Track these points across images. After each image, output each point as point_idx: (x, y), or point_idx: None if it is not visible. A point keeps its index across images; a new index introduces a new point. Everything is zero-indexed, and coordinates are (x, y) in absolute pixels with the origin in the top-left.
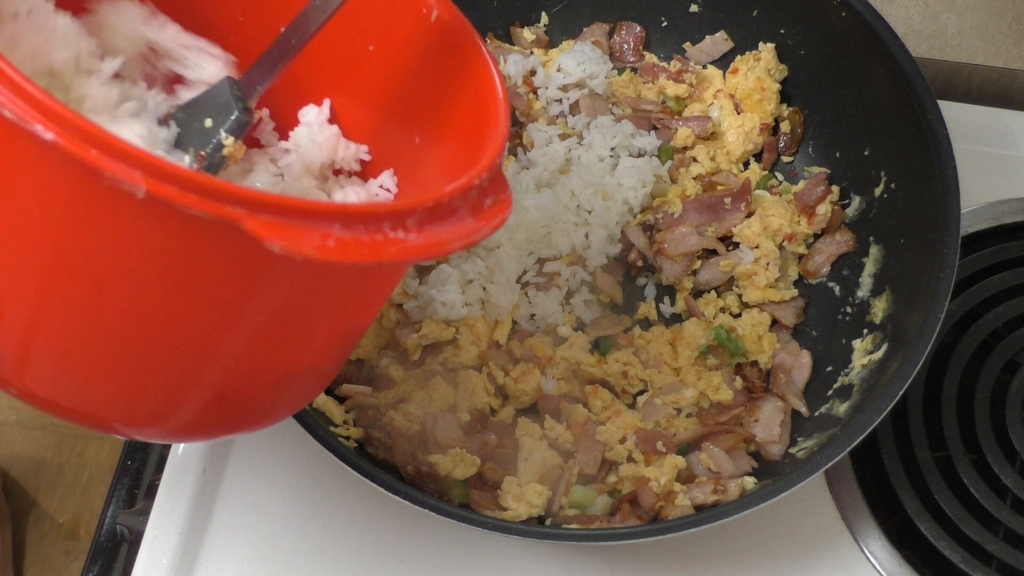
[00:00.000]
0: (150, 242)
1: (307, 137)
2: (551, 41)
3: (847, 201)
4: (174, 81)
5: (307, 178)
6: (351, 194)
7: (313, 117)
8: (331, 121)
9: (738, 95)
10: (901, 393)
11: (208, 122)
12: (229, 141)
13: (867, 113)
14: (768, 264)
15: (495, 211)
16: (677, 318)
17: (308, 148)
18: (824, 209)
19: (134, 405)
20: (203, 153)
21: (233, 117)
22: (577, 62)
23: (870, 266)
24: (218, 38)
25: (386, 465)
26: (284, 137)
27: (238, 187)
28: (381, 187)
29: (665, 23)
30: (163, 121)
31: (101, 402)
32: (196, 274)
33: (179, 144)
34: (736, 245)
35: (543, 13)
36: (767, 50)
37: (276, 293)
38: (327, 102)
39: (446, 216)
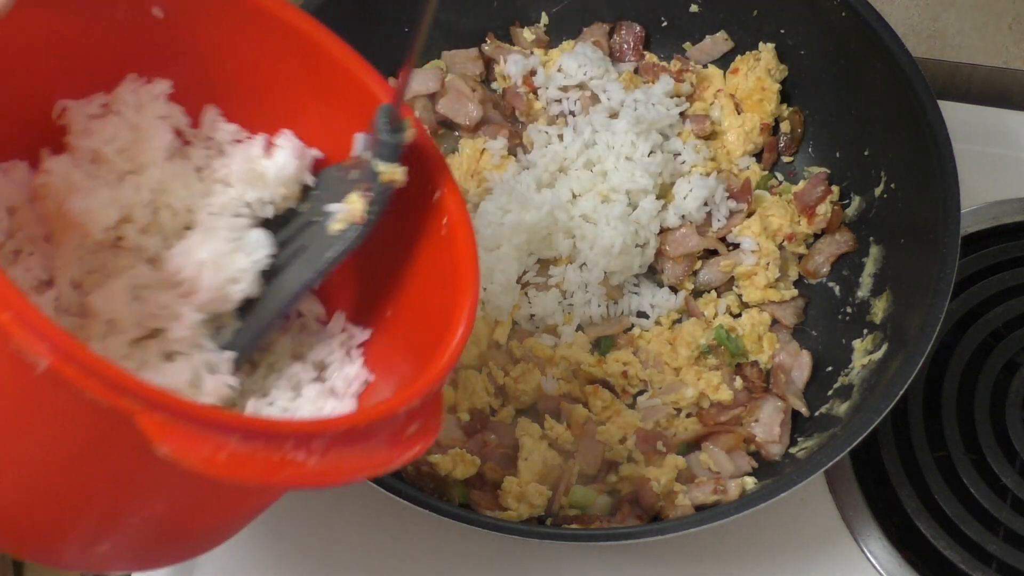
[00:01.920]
0: (47, 412)
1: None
2: (551, 41)
3: (847, 201)
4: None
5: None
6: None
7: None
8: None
9: (738, 95)
10: (901, 393)
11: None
12: (382, 167)
13: (867, 113)
14: (768, 264)
15: (415, 440)
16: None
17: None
18: (824, 209)
19: (37, 543)
20: (367, 187)
21: (382, 140)
22: (578, 64)
23: (870, 266)
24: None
25: None
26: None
27: (141, 382)
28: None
29: (665, 23)
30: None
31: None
32: (87, 450)
33: (335, 194)
34: (736, 245)
35: (543, 13)
36: (767, 50)
37: (165, 485)
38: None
39: (358, 441)
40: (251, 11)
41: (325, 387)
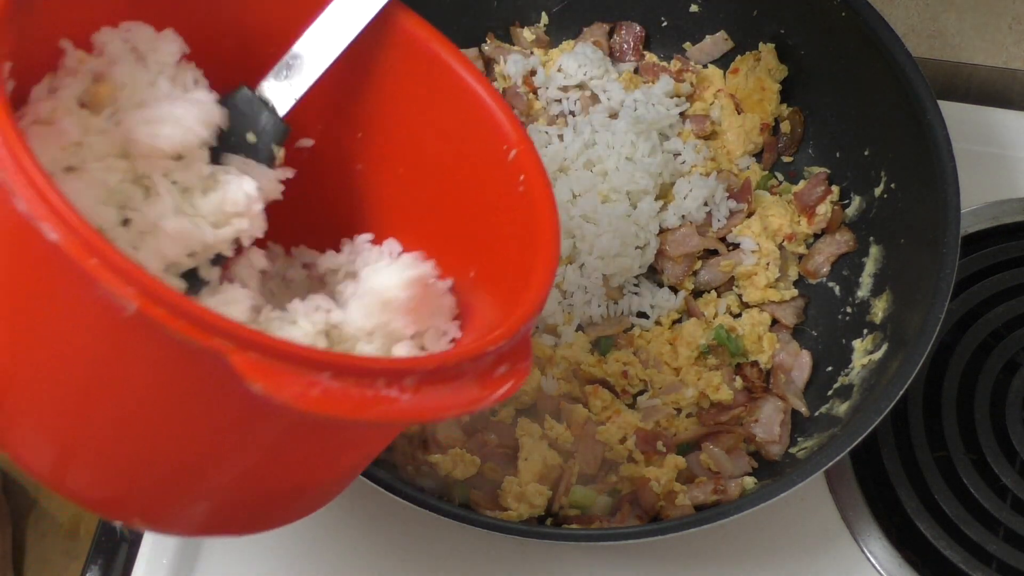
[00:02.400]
0: (138, 357)
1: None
2: (551, 41)
3: (847, 201)
4: None
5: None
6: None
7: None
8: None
9: (738, 95)
10: (901, 393)
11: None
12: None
13: (867, 113)
14: (768, 264)
15: (504, 380)
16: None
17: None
18: (824, 209)
19: (145, 502)
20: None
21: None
22: (578, 64)
23: (870, 266)
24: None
25: (386, 465)
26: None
27: (229, 320)
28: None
29: (665, 23)
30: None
31: (115, 495)
32: (181, 395)
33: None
34: (736, 245)
35: (543, 13)
36: (767, 50)
37: (260, 428)
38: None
39: (448, 380)
40: None
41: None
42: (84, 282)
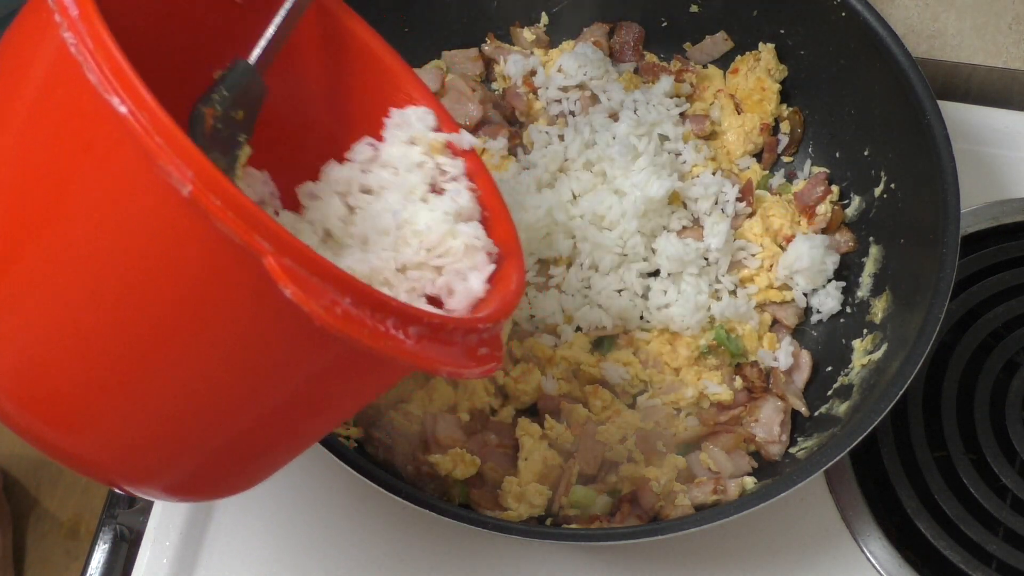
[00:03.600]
0: (181, 247)
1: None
2: (551, 41)
3: (847, 201)
4: None
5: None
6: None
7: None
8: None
9: (738, 95)
10: (901, 393)
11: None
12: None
13: (867, 113)
14: (770, 265)
15: (486, 360)
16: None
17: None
18: (824, 209)
19: (130, 451)
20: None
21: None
22: (578, 64)
23: (870, 266)
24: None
25: (386, 465)
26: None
27: (275, 223)
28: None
29: (665, 23)
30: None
31: (98, 443)
32: (213, 297)
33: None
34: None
35: (543, 13)
36: (767, 50)
37: (278, 343)
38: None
39: (444, 342)
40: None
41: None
42: (146, 159)
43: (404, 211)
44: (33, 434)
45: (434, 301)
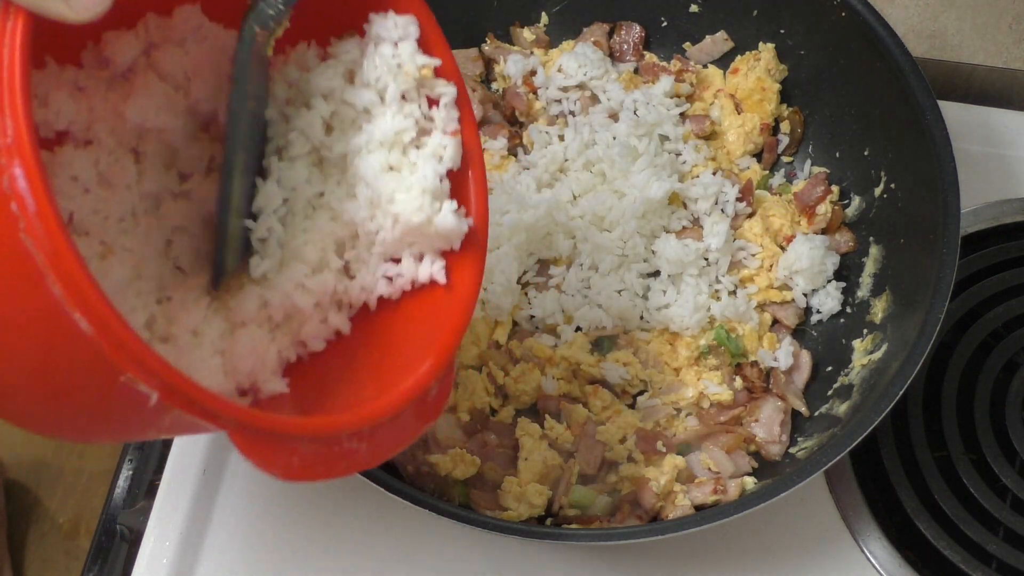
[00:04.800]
0: (148, 415)
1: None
2: (551, 41)
3: (847, 201)
4: None
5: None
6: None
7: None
8: None
9: (738, 95)
10: (901, 393)
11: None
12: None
13: (867, 113)
14: (770, 265)
15: (438, 401)
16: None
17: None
18: (824, 209)
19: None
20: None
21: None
22: (578, 64)
23: (870, 266)
24: None
25: (386, 465)
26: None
27: (235, 406)
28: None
29: (665, 23)
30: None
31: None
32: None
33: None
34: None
35: (543, 13)
36: (767, 50)
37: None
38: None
39: (393, 421)
40: None
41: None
42: (110, 368)
43: (380, 180)
44: None
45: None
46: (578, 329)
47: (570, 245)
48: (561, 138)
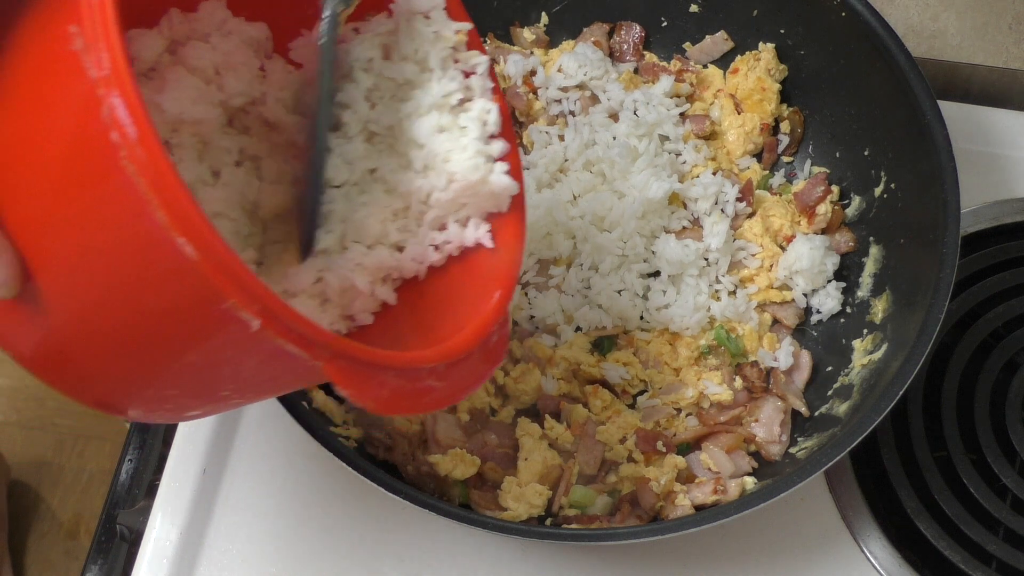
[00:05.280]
0: (243, 348)
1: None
2: (551, 41)
3: (847, 201)
4: None
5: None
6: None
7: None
8: None
9: (738, 95)
10: (901, 393)
11: None
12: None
13: (867, 113)
14: (771, 266)
15: (499, 346)
16: None
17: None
18: (824, 209)
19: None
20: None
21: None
22: (578, 64)
23: (870, 266)
24: None
25: (386, 465)
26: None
27: (332, 335)
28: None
29: (665, 23)
30: None
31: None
32: (260, 368)
33: None
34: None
35: (543, 13)
36: (767, 50)
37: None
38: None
39: (464, 362)
40: None
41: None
42: (213, 293)
43: (435, 140)
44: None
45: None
46: (578, 329)
47: (570, 245)
48: (561, 138)
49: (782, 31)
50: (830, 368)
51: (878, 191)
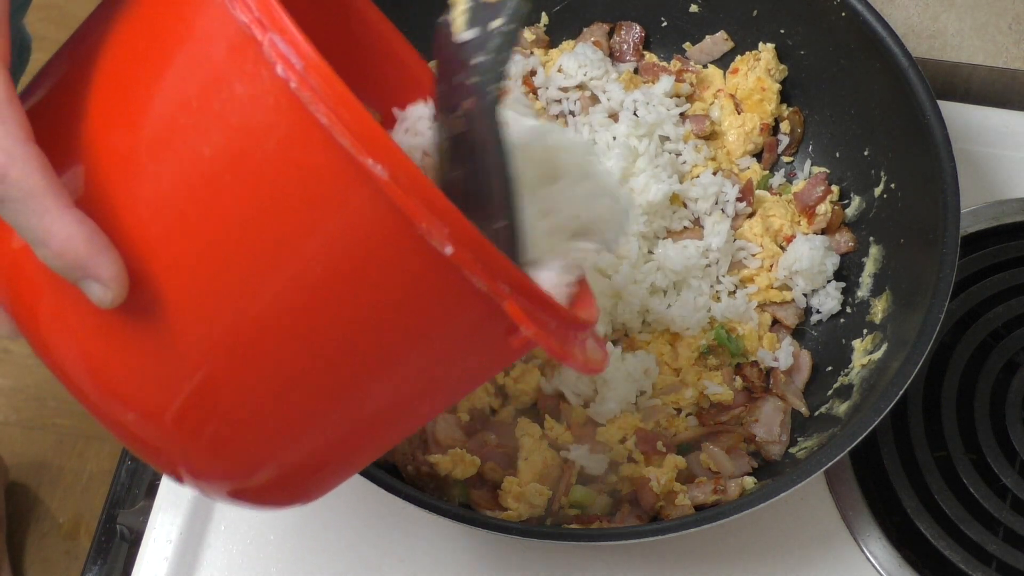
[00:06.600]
0: (426, 289)
1: None
2: (551, 41)
3: (847, 201)
4: None
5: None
6: None
7: None
8: None
9: (738, 95)
10: (901, 393)
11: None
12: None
13: (867, 113)
14: (771, 266)
15: (602, 341)
16: None
17: None
18: (824, 209)
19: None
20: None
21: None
22: (578, 64)
23: (870, 266)
24: None
25: (386, 465)
26: None
27: (513, 268)
28: None
29: (665, 23)
30: None
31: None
32: (439, 327)
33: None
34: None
35: (543, 13)
36: (767, 50)
37: (483, 357)
38: None
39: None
40: None
41: None
42: (403, 220)
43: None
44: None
45: None
46: None
47: None
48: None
49: (782, 31)
50: (830, 368)
51: (878, 191)
